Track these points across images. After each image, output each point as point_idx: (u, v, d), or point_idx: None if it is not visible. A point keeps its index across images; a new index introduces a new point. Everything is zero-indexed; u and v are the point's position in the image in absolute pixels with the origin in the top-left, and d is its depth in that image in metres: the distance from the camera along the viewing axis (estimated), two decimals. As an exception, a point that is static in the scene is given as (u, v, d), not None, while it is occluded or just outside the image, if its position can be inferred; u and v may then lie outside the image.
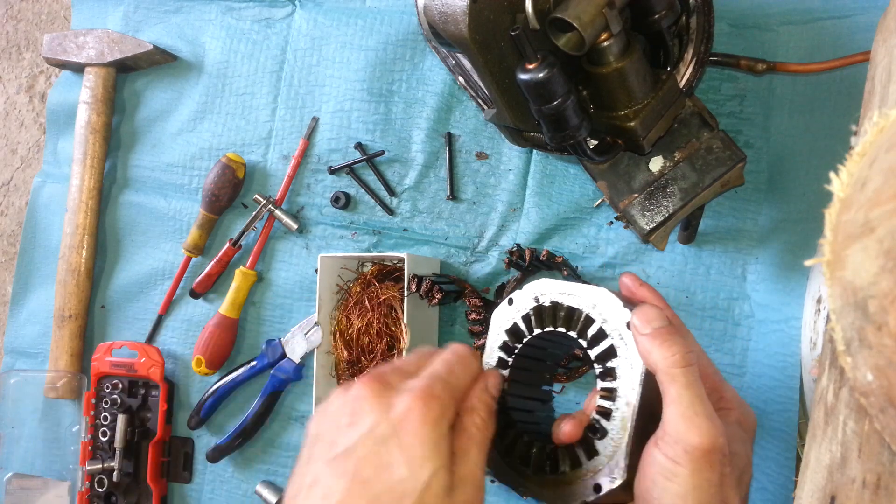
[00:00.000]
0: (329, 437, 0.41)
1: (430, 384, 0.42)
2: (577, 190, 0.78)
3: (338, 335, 0.80)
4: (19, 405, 0.97)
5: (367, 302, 0.79)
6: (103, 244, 0.98)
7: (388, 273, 0.81)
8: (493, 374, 0.48)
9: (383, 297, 0.78)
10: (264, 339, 0.88)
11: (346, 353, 0.80)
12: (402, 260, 0.77)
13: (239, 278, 0.87)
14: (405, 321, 0.72)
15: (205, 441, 0.90)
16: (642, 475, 0.42)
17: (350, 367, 0.80)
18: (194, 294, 0.91)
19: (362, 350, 0.79)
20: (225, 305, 0.88)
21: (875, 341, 0.32)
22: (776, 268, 0.69)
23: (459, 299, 0.80)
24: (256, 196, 0.87)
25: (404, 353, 0.72)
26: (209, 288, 0.90)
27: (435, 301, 0.71)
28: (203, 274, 0.90)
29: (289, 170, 0.88)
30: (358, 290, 0.80)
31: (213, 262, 0.89)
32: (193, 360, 0.87)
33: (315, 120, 0.88)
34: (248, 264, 0.88)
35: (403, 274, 0.74)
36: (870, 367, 0.34)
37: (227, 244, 0.89)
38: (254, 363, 0.86)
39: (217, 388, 0.87)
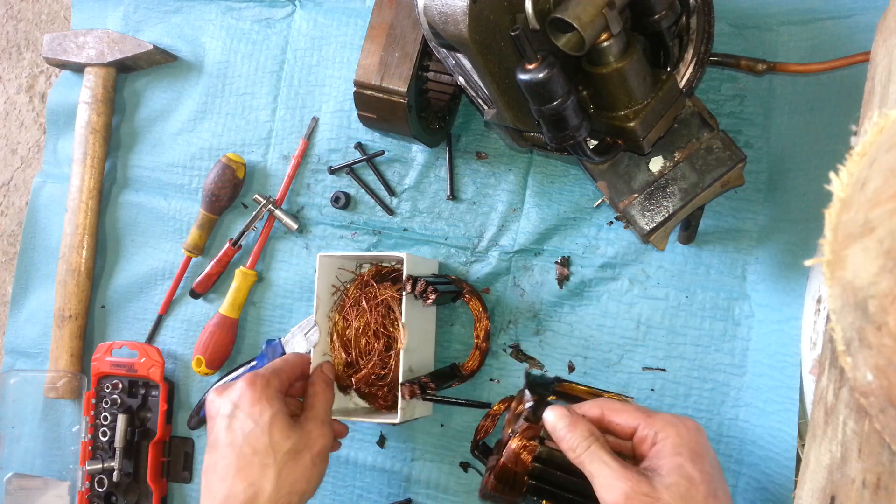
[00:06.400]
0: (210, 431, 0.64)
1: (253, 372, 0.65)
2: (577, 190, 0.78)
3: (335, 336, 0.80)
4: (19, 405, 0.97)
5: (364, 302, 0.78)
6: (103, 244, 0.98)
7: (387, 274, 0.81)
8: (326, 363, 0.75)
9: (381, 298, 0.78)
10: (264, 339, 0.88)
11: (343, 354, 0.79)
12: (401, 260, 0.77)
13: (239, 278, 0.87)
14: (403, 321, 0.72)
15: (205, 441, 0.90)
16: None
17: (347, 368, 0.79)
18: (194, 294, 0.91)
19: (360, 351, 0.79)
20: (225, 305, 0.88)
21: (875, 341, 0.32)
22: (776, 268, 0.69)
23: (458, 299, 0.80)
24: (256, 196, 0.87)
25: (402, 353, 0.72)
26: (209, 288, 0.90)
27: (429, 301, 0.71)
28: (203, 274, 0.90)
29: (289, 170, 0.88)
30: (355, 290, 0.80)
31: (213, 262, 0.89)
32: (193, 360, 0.87)
33: (315, 120, 0.88)
34: (248, 264, 0.88)
35: (402, 274, 0.74)
36: (870, 367, 0.34)
37: (227, 244, 0.89)
38: (254, 363, 0.86)
39: (217, 388, 0.87)
